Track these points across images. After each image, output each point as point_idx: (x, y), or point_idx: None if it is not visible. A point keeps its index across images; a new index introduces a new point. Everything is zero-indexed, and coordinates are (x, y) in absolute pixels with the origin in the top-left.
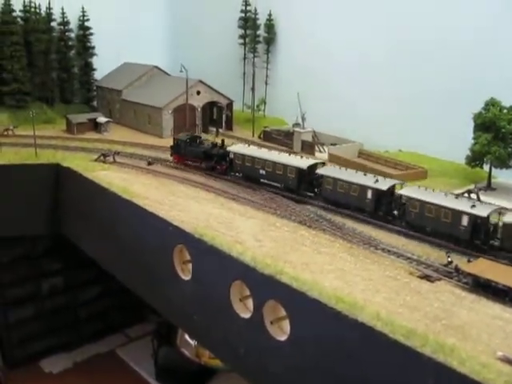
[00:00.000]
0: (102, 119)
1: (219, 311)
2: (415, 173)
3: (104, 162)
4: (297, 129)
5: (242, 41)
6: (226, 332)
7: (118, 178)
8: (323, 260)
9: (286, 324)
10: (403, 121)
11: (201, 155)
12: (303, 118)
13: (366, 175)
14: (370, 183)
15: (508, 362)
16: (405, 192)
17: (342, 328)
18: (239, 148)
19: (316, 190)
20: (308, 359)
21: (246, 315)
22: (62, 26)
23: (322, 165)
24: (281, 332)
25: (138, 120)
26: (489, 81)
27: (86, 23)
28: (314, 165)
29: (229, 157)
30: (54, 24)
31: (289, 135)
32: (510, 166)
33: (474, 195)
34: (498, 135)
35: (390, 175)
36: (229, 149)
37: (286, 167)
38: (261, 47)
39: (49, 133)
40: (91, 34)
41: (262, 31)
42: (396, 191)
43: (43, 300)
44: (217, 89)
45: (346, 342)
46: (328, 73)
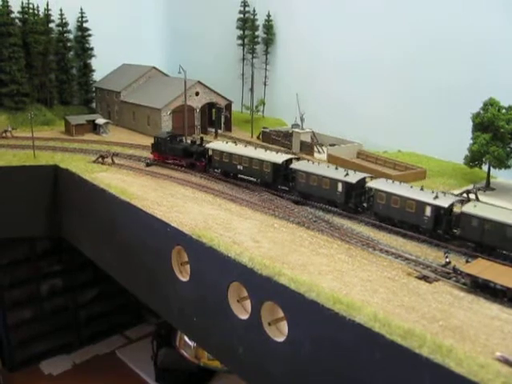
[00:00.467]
0: (100, 120)
1: (217, 312)
2: (414, 173)
3: (102, 163)
4: (296, 129)
5: (241, 41)
6: (224, 333)
7: (117, 180)
8: (321, 261)
9: (284, 325)
10: (402, 121)
11: (180, 152)
12: (302, 119)
13: (337, 169)
14: (340, 176)
15: (506, 362)
16: (372, 184)
17: (339, 329)
18: (217, 145)
19: (291, 183)
20: (306, 360)
21: (244, 316)
22: (61, 28)
23: (297, 160)
24: (279, 333)
25: (136, 121)
26: (487, 81)
27: (85, 24)
28: (289, 160)
29: (207, 153)
30: (52, 25)
31: (288, 136)
32: (509, 166)
33: (472, 195)
34: (496, 135)
35: (389, 176)
36: (207, 146)
37: (262, 162)
38: (259, 48)
39: (47, 134)
40: (90, 35)
41: (260, 32)
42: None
43: (43, 302)
44: (215, 90)
45: (344, 343)
46: (327, 73)
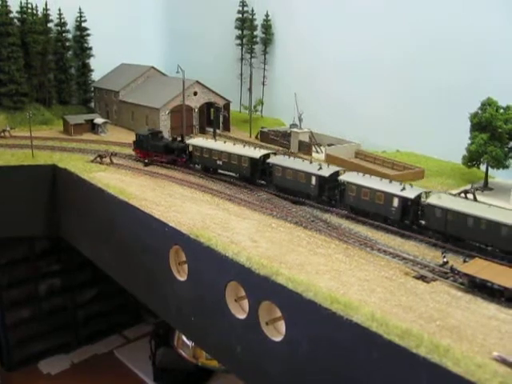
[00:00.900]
0: (99, 120)
1: (215, 312)
2: (412, 173)
3: (101, 163)
4: (294, 129)
5: (239, 41)
6: (222, 333)
7: (115, 179)
8: (319, 261)
9: (282, 325)
10: (401, 121)
11: (162, 149)
12: (300, 119)
13: (311, 163)
14: (314, 170)
15: (503, 362)
16: (344, 177)
17: (337, 329)
18: (197, 141)
19: (268, 178)
20: (303, 360)
21: (242, 316)
22: (59, 27)
23: (274, 154)
24: (276, 333)
25: (135, 121)
26: (487, 81)
27: (83, 24)
28: (267, 155)
29: (188, 149)
30: (51, 25)
31: (286, 136)
32: (507, 166)
33: (470, 195)
34: (494, 135)
35: (388, 175)
36: (188, 142)
37: (240, 157)
38: (258, 48)
39: (46, 134)
40: (88, 34)
41: (259, 32)
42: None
43: (41, 301)
44: (214, 89)
45: (341, 342)
46: (325, 73)
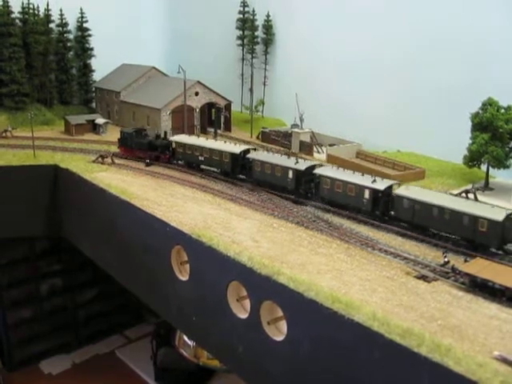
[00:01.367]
0: (100, 120)
1: (216, 312)
2: (413, 173)
3: (102, 163)
4: (295, 129)
5: (240, 42)
6: (224, 332)
7: (117, 179)
8: (320, 260)
9: (283, 324)
10: (402, 121)
11: (146, 146)
12: (301, 119)
13: (289, 158)
14: (290, 164)
15: (504, 361)
16: (318, 171)
17: (338, 328)
18: (180, 138)
19: (248, 172)
20: (305, 359)
21: (243, 316)
22: (61, 28)
23: (254, 150)
24: (278, 332)
25: (136, 121)
26: (487, 81)
27: (85, 24)
28: (247, 150)
29: (171, 146)
30: (52, 25)
31: (287, 136)
32: (508, 166)
33: (471, 195)
34: (495, 135)
35: (389, 175)
36: (171, 139)
37: (221, 153)
38: (259, 48)
39: (47, 134)
40: (90, 35)
41: (260, 32)
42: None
43: (42, 301)
44: (215, 90)
45: (343, 341)
46: (326, 73)
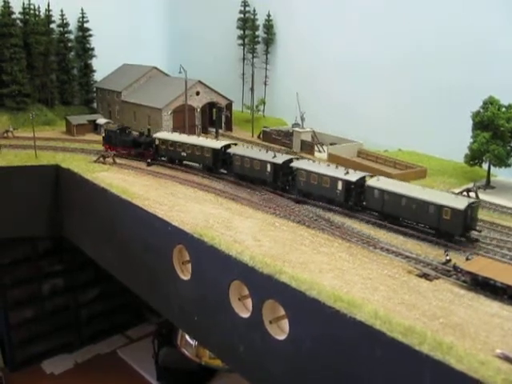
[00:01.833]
0: (101, 120)
1: (218, 311)
2: (415, 172)
3: (104, 163)
4: (296, 129)
5: (241, 41)
6: (226, 332)
7: (118, 179)
8: (322, 259)
9: (285, 323)
10: (403, 120)
11: (130, 143)
12: (302, 118)
13: (267, 152)
14: (268, 158)
15: (506, 359)
16: (295, 164)
17: (340, 327)
18: (163, 135)
19: (229, 166)
20: (307, 358)
21: (245, 315)
22: (62, 28)
23: (234, 145)
24: (280, 331)
25: (137, 121)
26: (487, 80)
27: (86, 25)
28: (227, 145)
29: (155, 143)
30: (53, 26)
31: (288, 135)
32: (509, 165)
33: (472, 193)
34: (496, 134)
35: (390, 174)
36: (154, 136)
37: (203, 148)
38: (260, 48)
39: (49, 134)
40: (90, 35)
41: (261, 32)
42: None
43: (44, 301)
44: (216, 89)
45: (345, 340)
46: (327, 73)
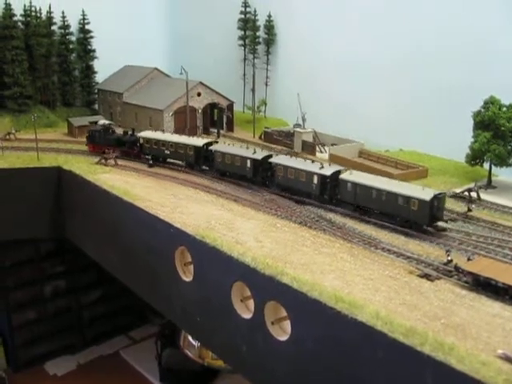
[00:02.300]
0: (103, 122)
1: (221, 312)
2: (416, 172)
3: (105, 164)
4: (297, 129)
5: (242, 42)
6: (228, 333)
7: (120, 181)
8: (323, 260)
9: (287, 324)
10: (403, 120)
11: (114, 142)
12: (304, 119)
13: (248, 148)
14: (248, 154)
15: (508, 360)
16: (273, 160)
17: (342, 327)
18: (147, 133)
19: (211, 163)
20: (309, 359)
21: (248, 316)
22: (63, 30)
23: (216, 143)
24: (282, 332)
25: (139, 122)
26: (488, 80)
27: (87, 26)
28: (209, 143)
29: (139, 142)
30: (54, 28)
31: (289, 136)
32: (510, 164)
33: (474, 193)
34: (497, 133)
35: (391, 174)
36: (138, 135)
37: (186, 146)
38: (261, 48)
39: (50, 136)
40: (92, 37)
41: (261, 32)
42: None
43: (46, 303)
44: (217, 90)
45: (346, 341)
46: (328, 73)
